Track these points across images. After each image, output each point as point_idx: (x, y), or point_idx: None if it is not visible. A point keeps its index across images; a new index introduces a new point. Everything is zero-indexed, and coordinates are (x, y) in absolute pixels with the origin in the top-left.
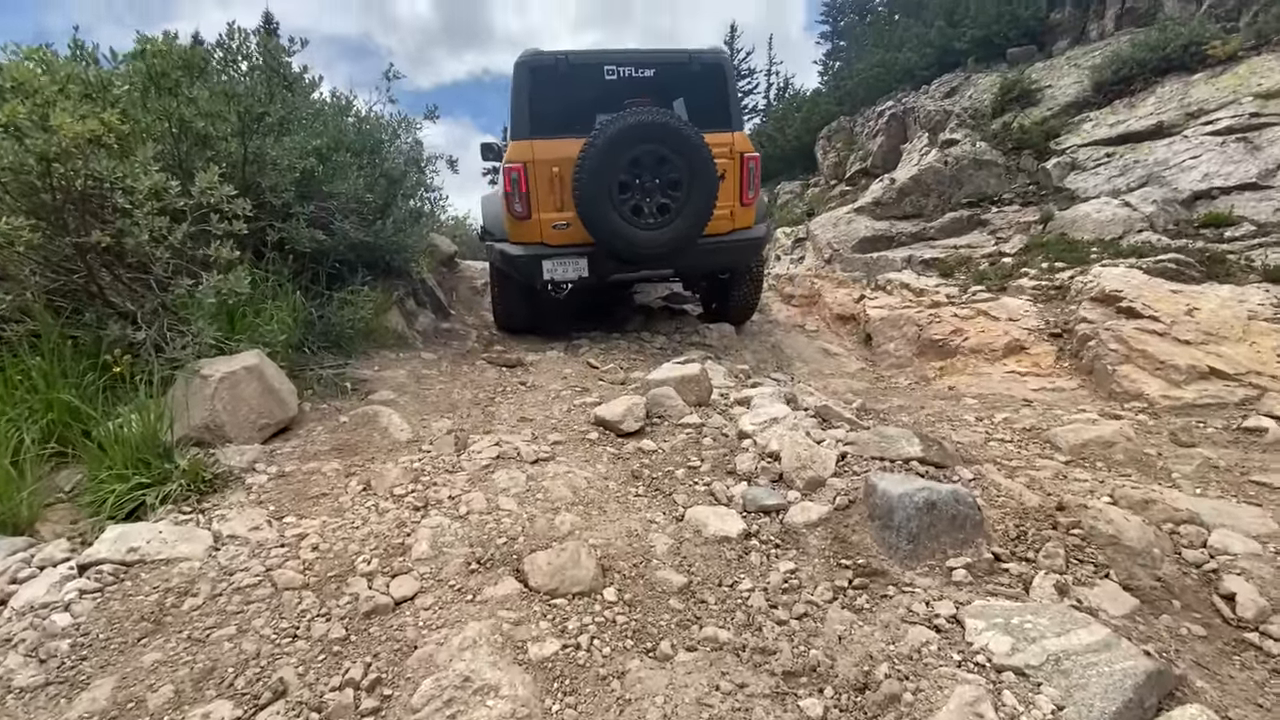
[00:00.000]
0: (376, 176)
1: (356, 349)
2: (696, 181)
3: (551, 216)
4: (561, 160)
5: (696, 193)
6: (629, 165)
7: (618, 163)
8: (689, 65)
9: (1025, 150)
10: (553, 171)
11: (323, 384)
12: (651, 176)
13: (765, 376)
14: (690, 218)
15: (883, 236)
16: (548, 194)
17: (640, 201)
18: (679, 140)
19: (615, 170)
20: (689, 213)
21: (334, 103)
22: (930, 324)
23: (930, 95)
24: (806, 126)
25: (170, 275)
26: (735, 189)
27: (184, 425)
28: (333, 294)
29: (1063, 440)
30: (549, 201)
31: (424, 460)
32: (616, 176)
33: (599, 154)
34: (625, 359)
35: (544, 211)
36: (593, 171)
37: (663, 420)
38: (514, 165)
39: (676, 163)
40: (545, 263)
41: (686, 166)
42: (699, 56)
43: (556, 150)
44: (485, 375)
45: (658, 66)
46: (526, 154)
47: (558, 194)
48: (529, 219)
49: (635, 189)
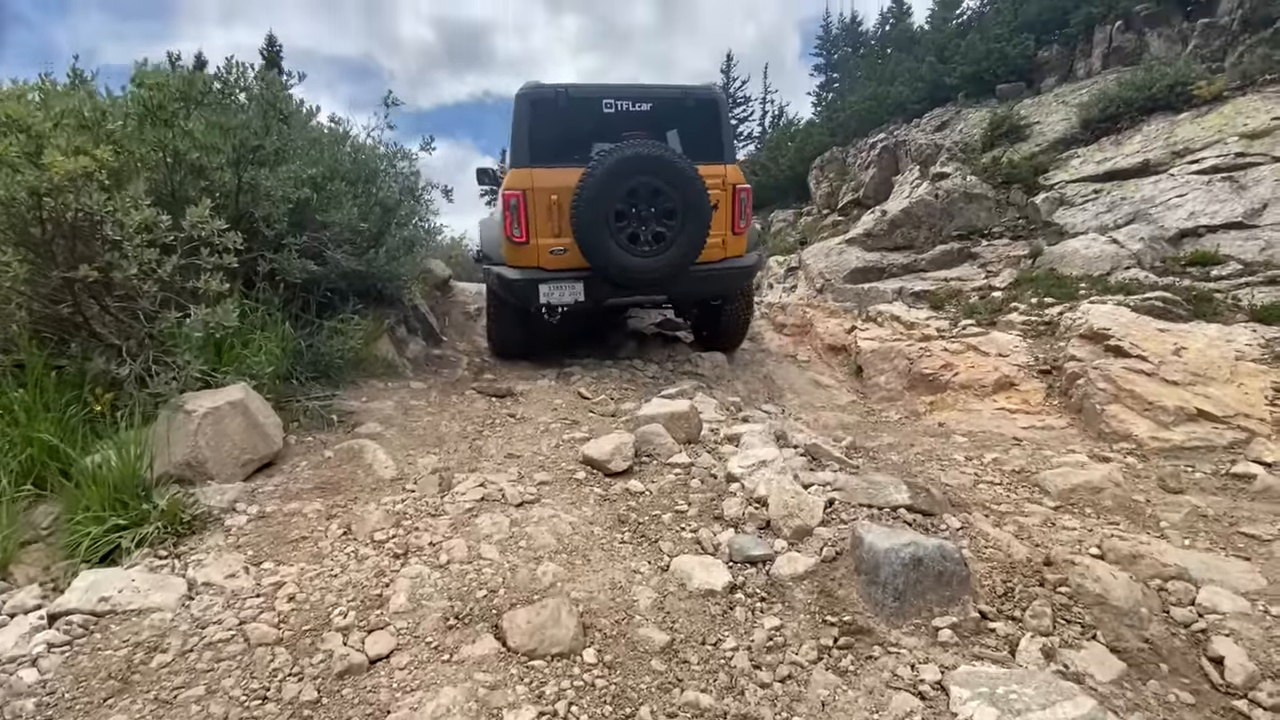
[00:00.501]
0: (371, 205)
1: (345, 379)
2: (690, 212)
3: (549, 242)
4: (560, 188)
5: (690, 222)
6: (626, 195)
7: (615, 192)
8: (684, 101)
9: (1015, 185)
10: (551, 199)
11: (309, 416)
12: (647, 206)
13: (756, 409)
14: (684, 246)
15: (874, 267)
16: (545, 220)
17: (636, 230)
18: (674, 172)
19: (613, 199)
20: (683, 241)
21: (331, 131)
22: (921, 358)
23: (921, 129)
24: (800, 156)
25: (158, 307)
26: (727, 219)
27: (165, 462)
28: (323, 323)
29: (1051, 484)
30: (547, 228)
31: (407, 501)
32: (614, 205)
33: (597, 183)
34: (617, 389)
35: (542, 237)
36: (591, 200)
37: (651, 459)
38: (513, 192)
39: (671, 194)
40: (542, 287)
41: (681, 197)
42: (694, 92)
43: (555, 179)
44: (475, 406)
45: (654, 101)
46: (526, 182)
47: (555, 221)
48: (527, 244)
49: (632, 218)
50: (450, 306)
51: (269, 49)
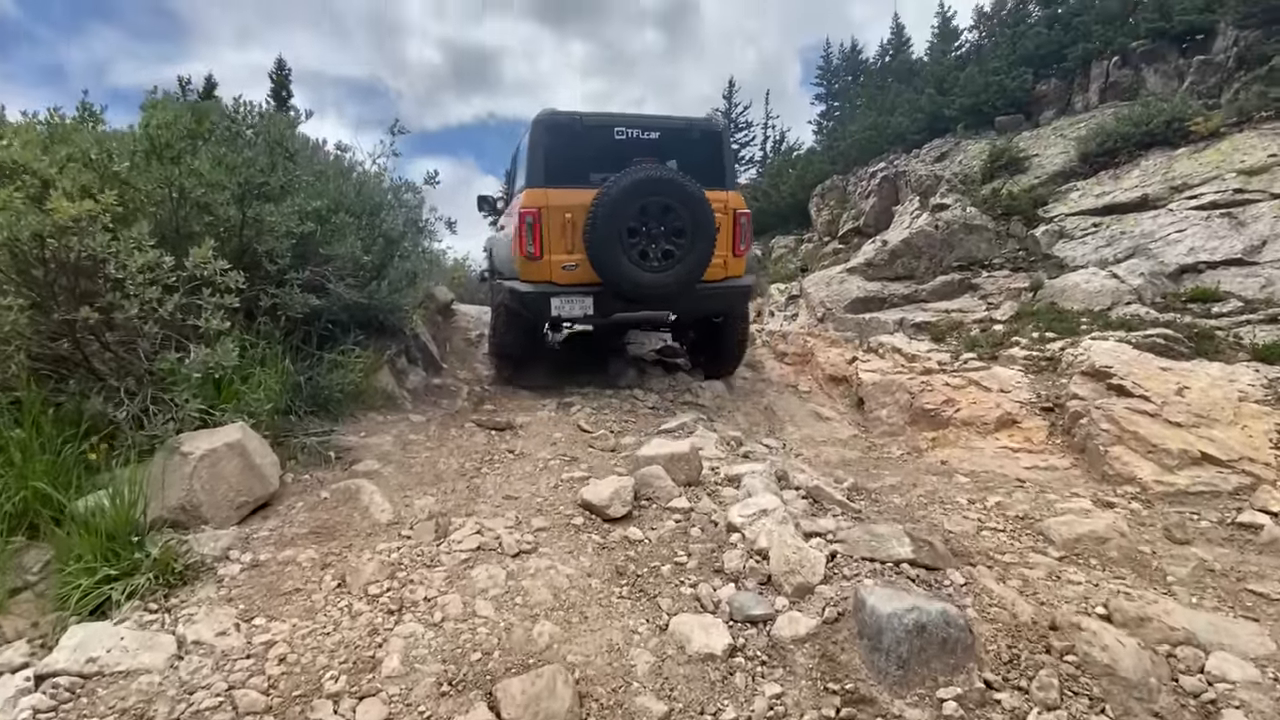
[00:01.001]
0: (375, 237)
1: (344, 412)
2: (698, 231)
3: (561, 258)
4: (573, 207)
5: (698, 241)
6: (638, 213)
7: (628, 211)
8: (689, 131)
9: (1014, 216)
10: (565, 218)
11: (306, 453)
12: (658, 225)
13: (757, 442)
14: (691, 263)
15: (875, 297)
16: (559, 237)
17: (647, 247)
18: (684, 194)
19: (625, 217)
20: (691, 259)
21: (336, 161)
22: (922, 392)
23: (921, 159)
24: (801, 183)
25: (158, 347)
26: (729, 241)
27: (160, 505)
28: (324, 355)
29: (1056, 533)
30: (560, 244)
31: (402, 550)
32: (626, 223)
33: (612, 202)
34: (617, 421)
35: (555, 253)
36: (605, 218)
37: (651, 503)
38: (529, 210)
39: (681, 213)
40: (554, 300)
41: (690, 217)
42: (698, 124)
43: (568, 199)
44: (474, 440)
45: (662, 130)
46: (541, 200)
47: (568, 238)
48: (540, 259)
49: (642, 235)
50: (451, 333)
51: (278, 73)
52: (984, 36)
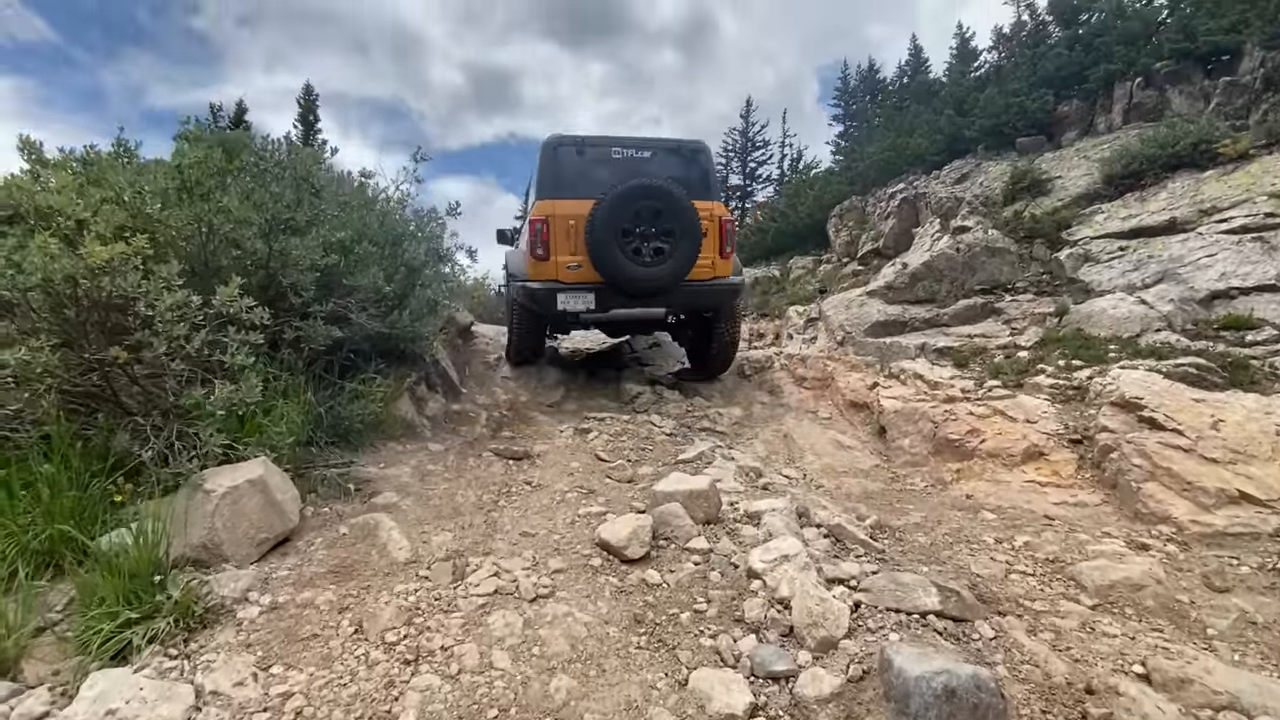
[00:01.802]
0: (397, 266)
1: (365, 442)
2: (684, 231)
3: (566, 259)
4: (576, 216)
5: (684, 239)
6: (632, 217)
7: (623, 214)
8: (679, 150)
9: (1037, 239)
10: (569, 224)
11: (326, 485)
12: (649, 226)
13: (776, 473)
14: (680, 259)
15: (895, 321)
16: (564, 241)
17: (640, 245)
18: (670, 199)
19: (621, 220)
20: (679, 255)
21: (359, 192)
22: (946, 421)
23: (942, 181)
24: (819, 204)
25: (184, 383)
26: (715, 244)
27: (183, 543)
28: (345, 384)
29: (1088, 579)
30: (564, 247)
31: (419, 593)
32: (621, 224)
33: (609, 207)
34: (634, 449)
35: (560, 255)
36: (603, 220)
37: (669, 543)
38: (539, 218)
39: (668, 216)
40: (560, 295)
41: (676, 219)
42: (685, 144)
43: (572, 208)
44: (491, 470)
45: (654, 150)
46: (549, 210)
47: (572, 241)
48: (548, 261)
49: (636, 236)
50: (470, 356)
51: (306, 98)
52: (1003, 57)
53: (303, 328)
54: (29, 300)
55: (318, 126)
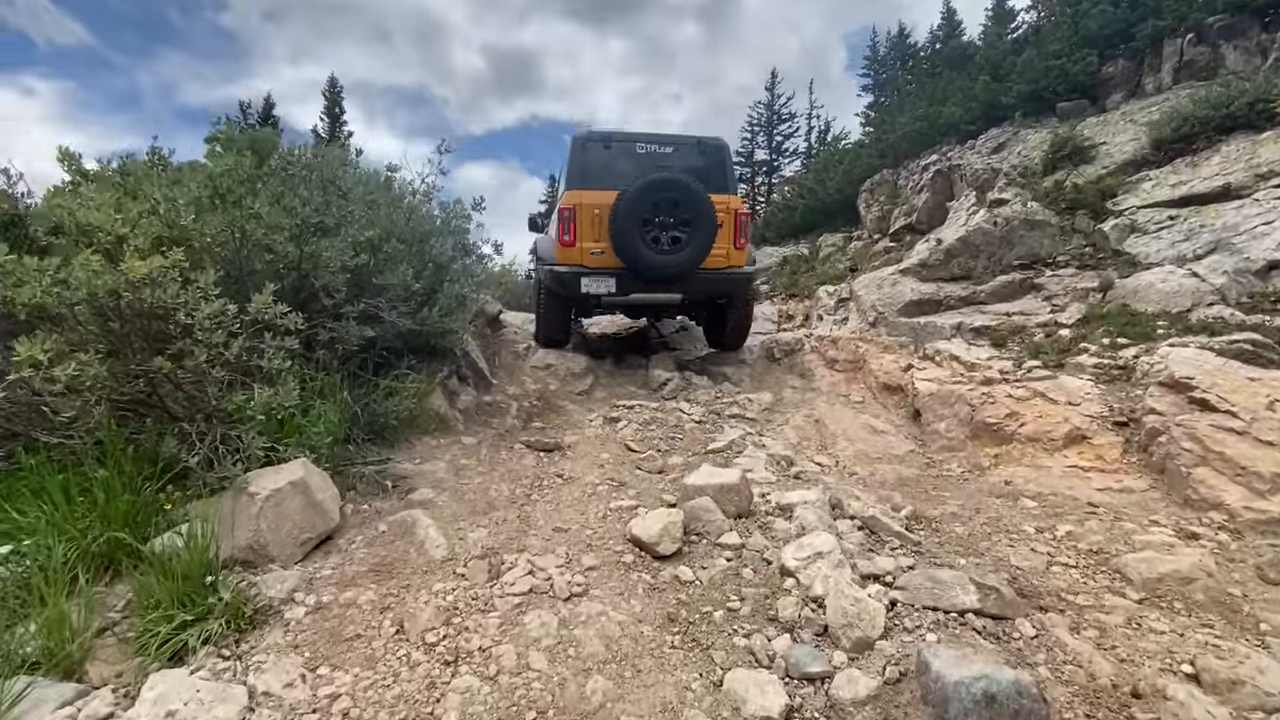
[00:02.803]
0: (425, 263)
1: (400, 438)
2: (700, 221)
3: (590, 246)
4: (601, 205)
5: (699, 229)
6: (651, 207)
7: (644, 205)
8: (698, 146)
9: (1080, 210)
10: (594, 213)
11: (365, 482)
12: (668, 216)
13: (808, 460)
14: (696, 248)
15: (930, 300)
16: (589, 229)
17: (659, 234)
18: (688, 192)
19: (641, 210)
20: (695, 244)
21: (385, 188)
22: (984, 405)
23: (977, 151)
24: (848, 179)
25: (225, 388)
26: (730, 235)
27: (230, 545)
28: (379, 382)
29: (1135, 571)
30: (590, 234)
31: (457, 592)
32: (642, 215)
33: (631, 198)
34: (663, 438)
35: (585, 241)
36: (625, 211)
37: (701, 538)
38: (567, 207)
39: (686, 207)
40: (584, 279)
41: (693, 211)
42: (705, 141)
43: (598, 198)
44: (523, 463)
45: (675, 146)
46: (576, 200)
47: (596, 229)
48: (574, 246)
49: (655, 225)
50: (500, 346)
51: (331, 90)
52: (1042, 17)
53: (336, 329)
54: (76, 314)
55: (343, 119)
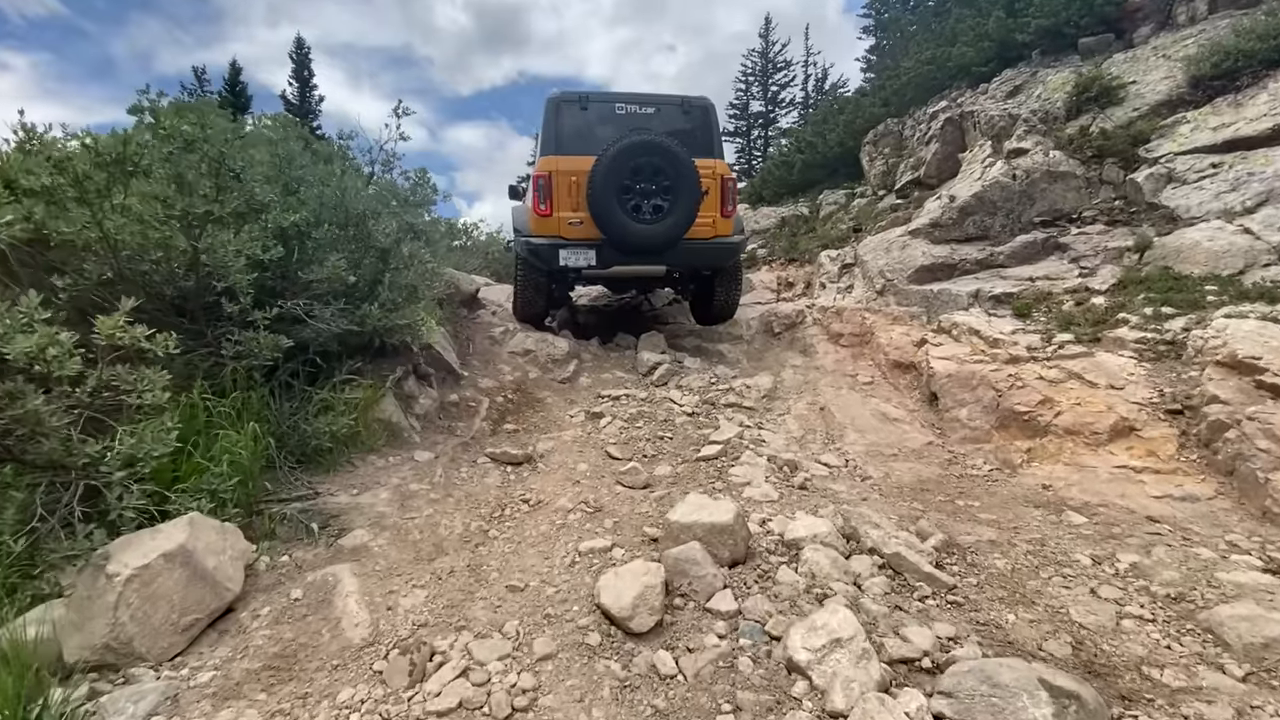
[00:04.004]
0: (366, 250)
1: (338, 461)
2: (683, 188)
3: (568, 215)
4: (579, 172)
5: (683, 196)
6: (631, 173)
7: (623, 170)
8: (682, 107)
9: (1108, 159)
10: (571, 180)
11: (287, 525)
12: (649, 183)
13: (814, 460)
14: (679, 216)
15: (943, 264)
16: (566, 197)
17: (640, 202)
18: (669, 155)
19: (620, 176)
20: (678, 212)
21: (316, 166)
22: (1011, 389)
23: (991, 96)
24: (850, 130)
25: (84, 433)
26: (717, 203)
27: (81, 643)
28: (314, 393)
29: (1232, 633)
30: (567, 203)
31: (368, 704)
32: (621, 181)
33: (609, 163)
34: (651, 438)
35: (562, 211)
36: (603, 177)
37: (686, 602)
38: (542, 174)
39: (668, 172)
40: (561, 251)
41: (675, 175)
42: (690, 100)
43: (575, 164)
44: (486, 482)
45: (658, 106)
46: (552, 166)
47: (574, 198)
48: (551, 217)
49: (635, 193)
50: (475, 330)
51: (298, 51)
52: None
53: (244, 340)
54: None
55: (313, 82)
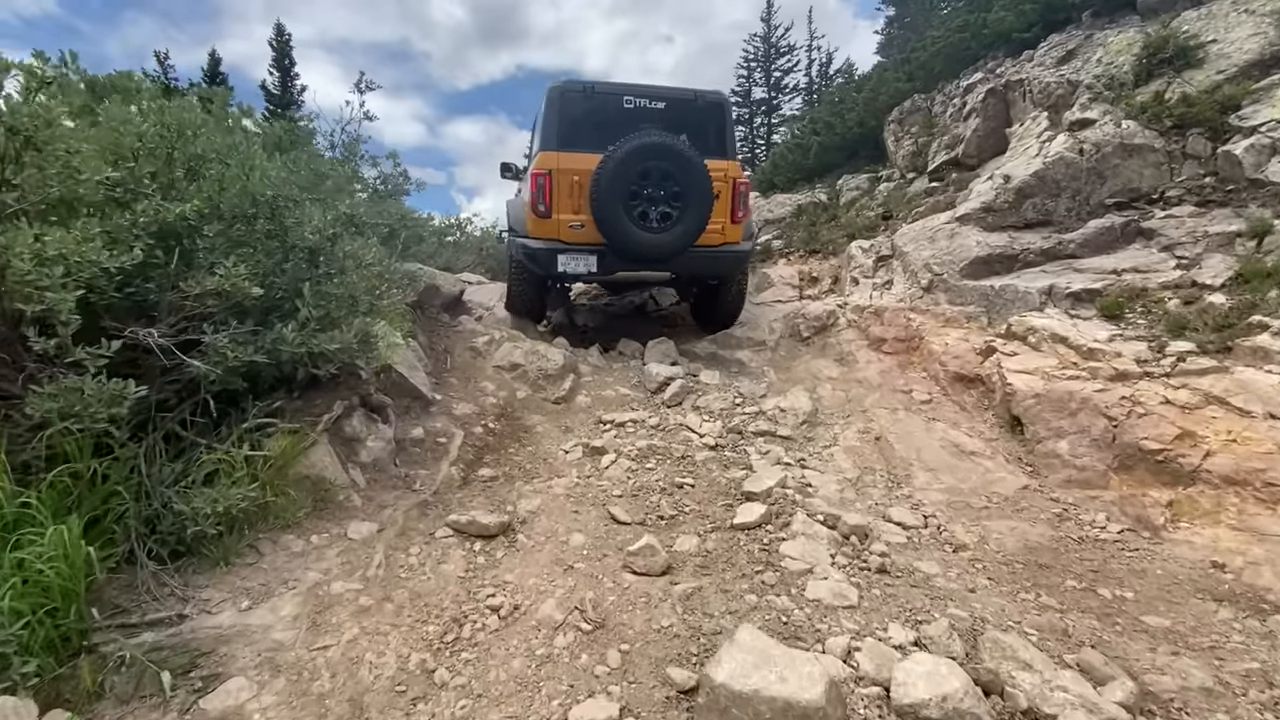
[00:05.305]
0: (287, 252)
1: (233, 549)
2: (694, 195)
3: (569, 218)
4: (581, 171)
5: (694, 204)
6: (639, 177)
7: (630, 173)
8: (695, 102)
9: (1192, 130)
10: (573, 180)
11: (127, 673)
12: (657, 188)
13: (881, 518)
14: (689, 225)
15: (1002, 255)
16: (567, 198)
17: (647, 209)
18: (681, 159)
19: (627, 181)
20: (688, 220)
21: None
22: (1130, 417)
23: (1039, 63)
24: (870, 109)
25: None
26: (727, 208)
27: None
28: (203, 451)
29: None
30: (567, 205)
31: None
32: (628, 186)
33: (615, 166)
34: (666, 487)
35: (563, 213)
36: (608, 181)
37: None
38: (541, 172)
39: (679, 178)
40: (560, 256)
41: (686, 181)
42: (703, 95)
43: (578, 162)
44: (443, 573)
45: (668, 100)
46: (552, 163)
47: (576, 199)
48: (550, 218)
49: (643, 198)
50: (455, 341)
51: (278, 39)
52: None
53: (61, 392)
54: None
55: (294, 71)
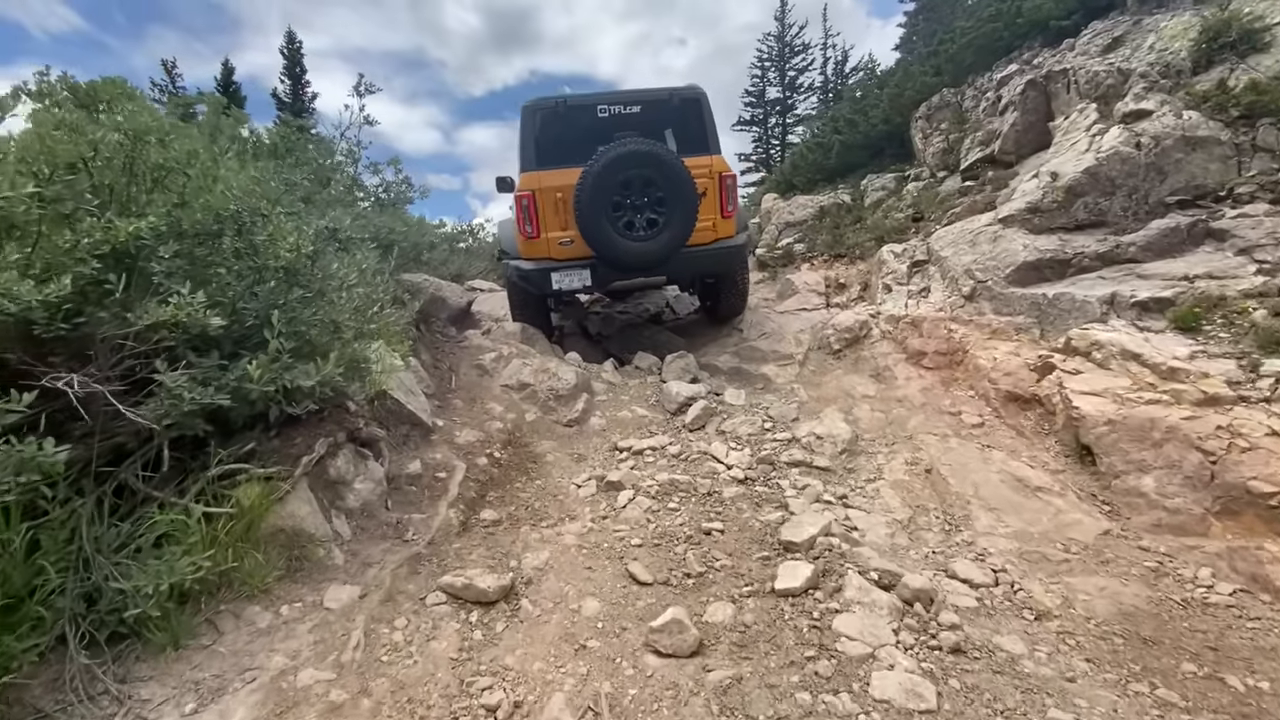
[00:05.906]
0: (259, 273)
1: (185, 628)
2: (679, 199)
3: (557, 235)
4: (564, 187)
5: (679, 208)
6: (621, 187)
7: (611, 185)
8: (670, 101)
9: (1262, 119)
10: (557, 197)
11: None
12: (640, 196)
13: (941, 571)
14: (676, 229)
15: (1053, 260)
16: (553, 216)
17: (632, 218)
18: (660, 164)
19: (609, 191)
20: (674, 225)
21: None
22: (1230, 451)
23: (1084, 51)
24: (895, 105)
25: None
26: (716, 204)
27: None
28: (153, 508)
29: None
30: (554, 222)
31: None
32: (610, 197)
33: (595, 178)
34: (694, 535)
35: (550, 231)
36: (590, 194)
37: None
38: (524, 194)
39: (660, 183)
40: (554, 274)
41: (670, 186)
42: (679, 92)
43: (560, 179)
44: (432, 652)
45: (643, 103)
46: (535, 183)
47: (562, 215)
48: (538, 238)
49: (627, 208)
50: (460, 358)
51: (289, 46)
52: None
53: None
54: None
55: (305, 78)
